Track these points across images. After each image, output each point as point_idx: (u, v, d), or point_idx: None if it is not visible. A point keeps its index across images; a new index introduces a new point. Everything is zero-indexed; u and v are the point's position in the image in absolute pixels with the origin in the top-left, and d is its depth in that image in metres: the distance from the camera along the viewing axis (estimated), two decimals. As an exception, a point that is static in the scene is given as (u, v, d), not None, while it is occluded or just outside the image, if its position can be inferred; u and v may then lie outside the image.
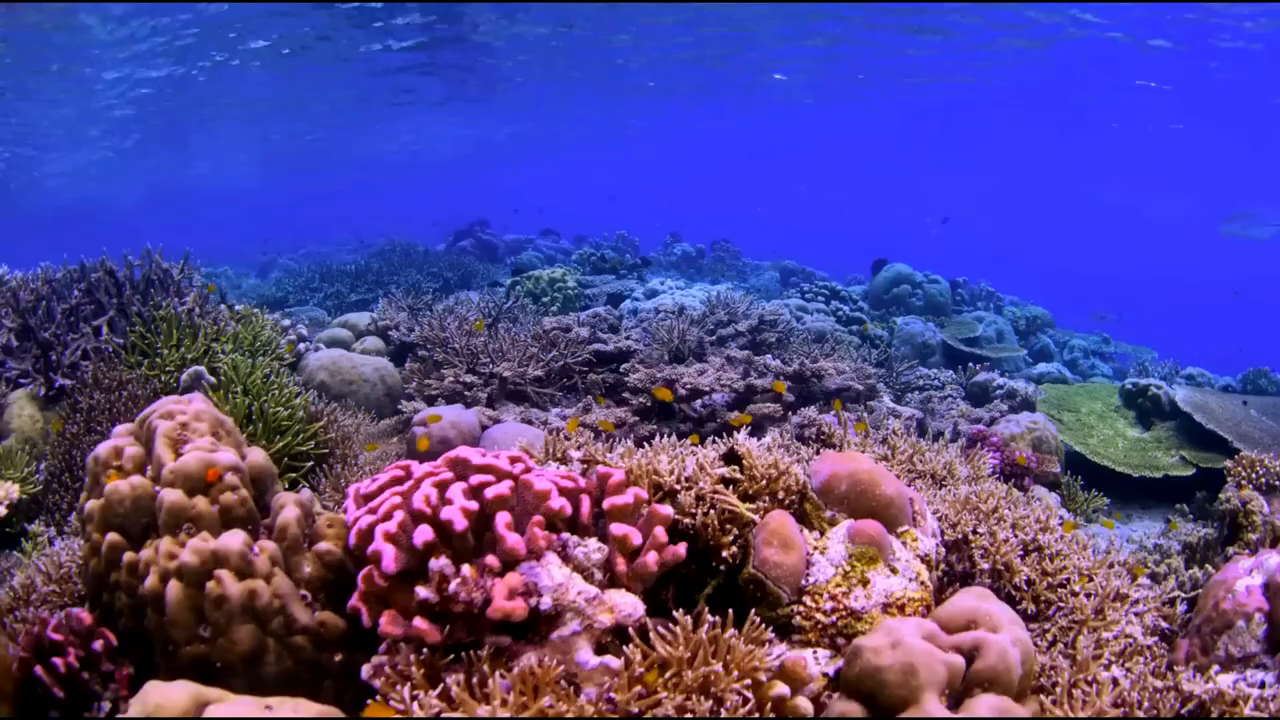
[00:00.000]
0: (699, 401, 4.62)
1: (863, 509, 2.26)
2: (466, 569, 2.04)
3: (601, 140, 34.47)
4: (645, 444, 2.91)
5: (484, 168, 45.07)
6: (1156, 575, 3.27)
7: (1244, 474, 3.65)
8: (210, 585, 2.37)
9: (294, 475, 4.81)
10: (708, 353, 5.97)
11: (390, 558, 2.14)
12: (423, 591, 2.11)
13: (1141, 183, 45.04)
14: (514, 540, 2.03)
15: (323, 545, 2.88)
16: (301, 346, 6.80)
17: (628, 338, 6.22)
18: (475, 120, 25.41)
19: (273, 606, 2.48)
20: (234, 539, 2.54)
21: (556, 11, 14.43)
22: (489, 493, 2.12)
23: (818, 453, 3.67)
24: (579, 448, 2.94)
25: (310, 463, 4.88)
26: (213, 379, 5.29)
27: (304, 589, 2.75)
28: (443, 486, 2.22)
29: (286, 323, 7.07)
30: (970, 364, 8.29)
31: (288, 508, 2.91)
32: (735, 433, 3.00)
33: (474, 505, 2.11)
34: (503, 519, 2.07)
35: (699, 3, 13.91)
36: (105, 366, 5.37)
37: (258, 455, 3.22)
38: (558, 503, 2.10)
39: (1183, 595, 3.06)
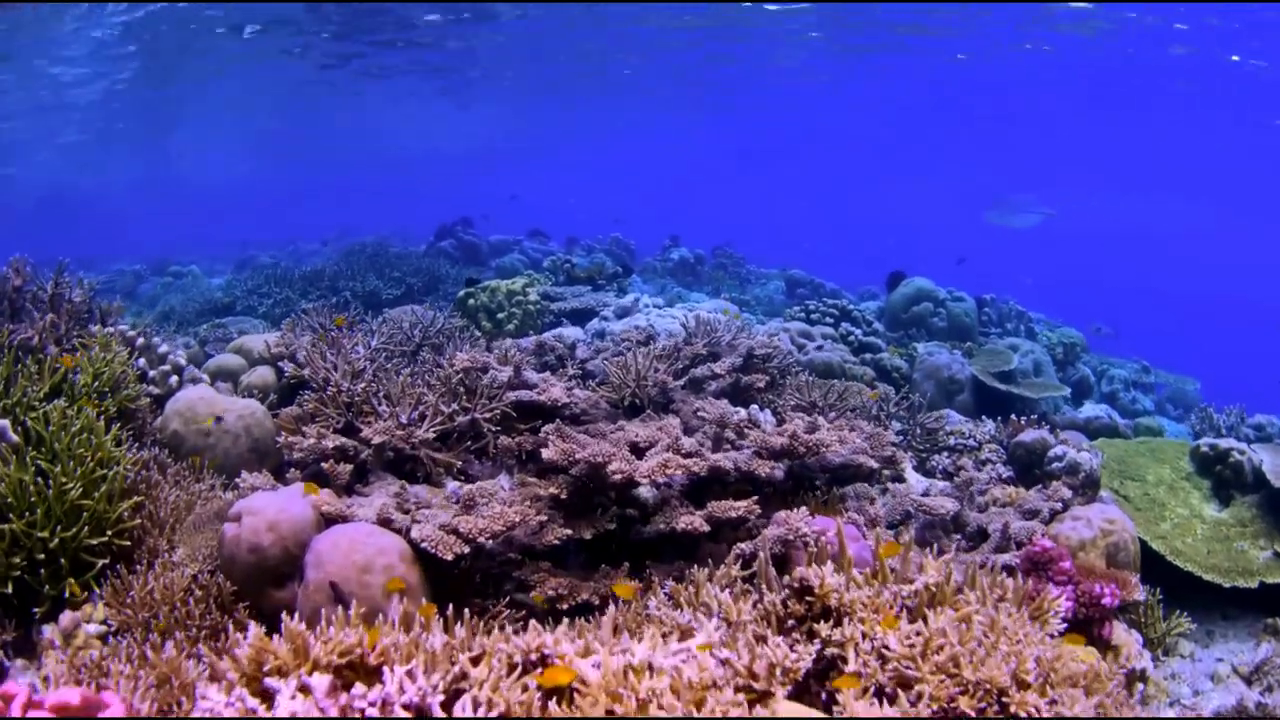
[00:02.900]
0: (645, 487, 3.23)
1: None
2: None
3: (599, 139, 33.19)
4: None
5: (481, 166, 43.86)
6: None
7: None
8: None
9: (73, 582, 3.45)
10: (675, 401, 4.58)
11: None
12: None
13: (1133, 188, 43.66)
14: None
15: None
16: (174, 380, 5.45)
17: (572, 377, 4.84)
18: (471, 115, 24.21)
19: None
20: None
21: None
22: None
23: (804, 618, 2.29)
24: (339, 647, 1.57)
25: (104, 561, 3.53)
26: (15, 437, 3.96)
27: None
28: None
29: (164, 348, 5.72)
30: (1013, 412, 6.89)
31: None
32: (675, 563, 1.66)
33: None
34: None
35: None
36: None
37: None
38: None
39: None
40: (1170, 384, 13.08)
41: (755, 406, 4.51)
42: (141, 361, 5.44)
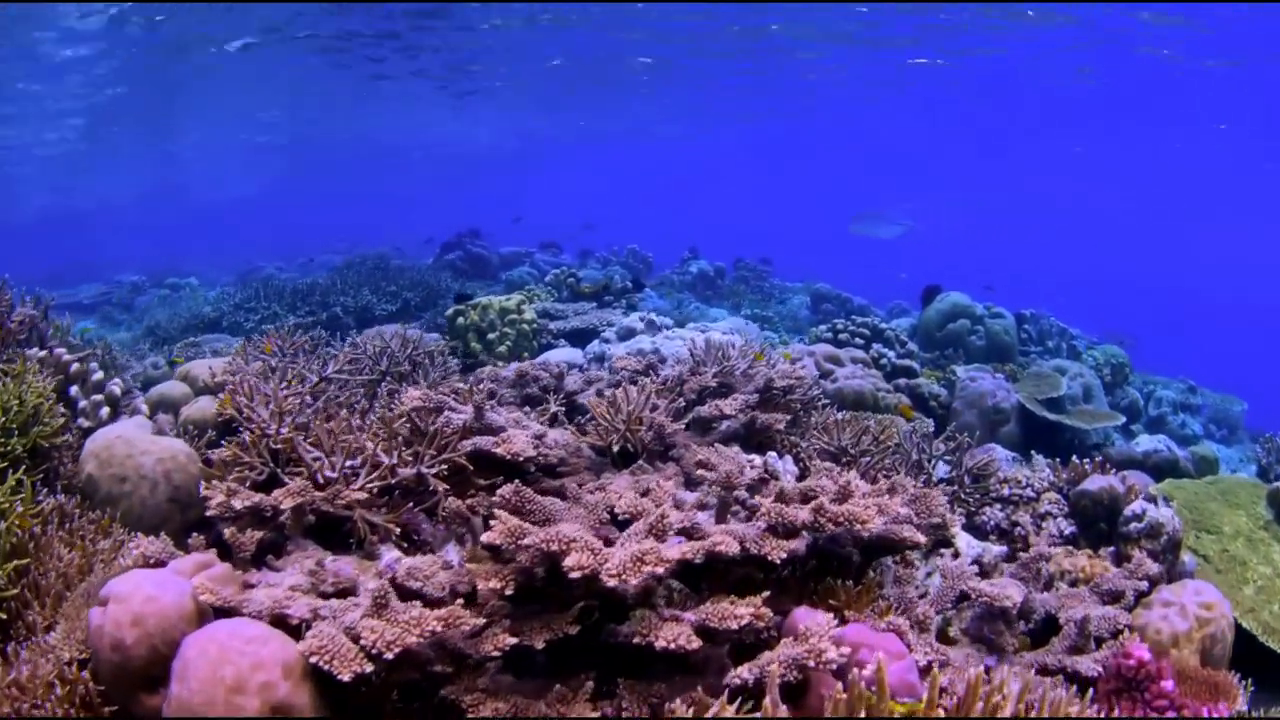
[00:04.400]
0: (629, 576, 2.47)
1: None
2: None
3: (622, 145, 32.57)
4: None
5: (494, 173, 43.40)
6: None
7: None
8: None
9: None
10: (676, 446, 3.83)
11: None
12: None
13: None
14: None
15: None
16: (104, 413, 4.78)
17: (554, 415, 4.11)
18: (484, 121, 23.68)
19: None
20: None
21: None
22: None
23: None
24: None
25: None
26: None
27: None
28: None
29: (99, 375, 5.04)
30: (1063, 443, 6.10)
31: None
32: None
33: None
34: None
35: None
36: None
37: None
38: None
39: None
40: (1214, 404, 12.21)
41: (773, 454, 3.75)
42: (74, 390, 4.79)
